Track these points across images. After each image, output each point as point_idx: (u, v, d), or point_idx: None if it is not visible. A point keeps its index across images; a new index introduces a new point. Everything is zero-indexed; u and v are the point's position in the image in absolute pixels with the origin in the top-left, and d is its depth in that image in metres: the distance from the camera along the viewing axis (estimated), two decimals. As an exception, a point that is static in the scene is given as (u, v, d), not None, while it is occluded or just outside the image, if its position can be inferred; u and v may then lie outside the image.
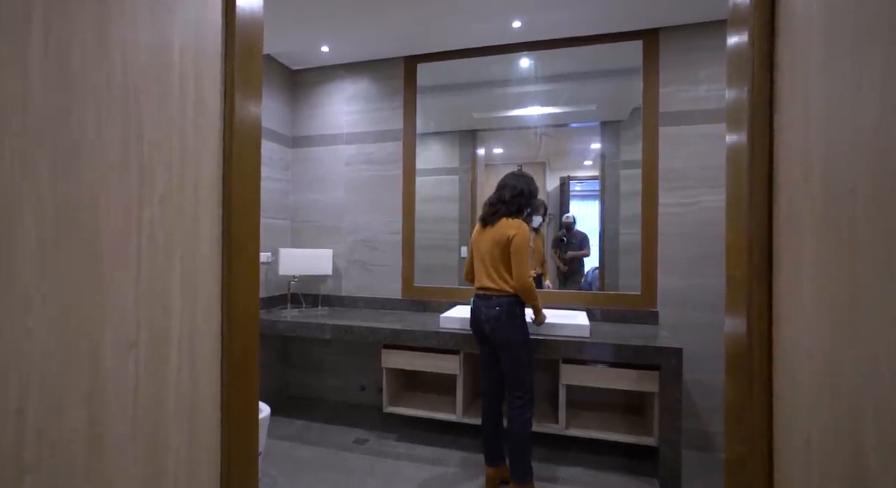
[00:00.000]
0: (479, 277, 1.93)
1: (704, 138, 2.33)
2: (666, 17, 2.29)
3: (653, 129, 2.40)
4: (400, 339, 2.22)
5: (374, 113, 2.83)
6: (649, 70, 2.40)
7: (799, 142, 0.69)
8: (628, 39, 2.43)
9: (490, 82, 2.71)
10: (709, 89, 2.32)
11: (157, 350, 0.68)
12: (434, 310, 2.69)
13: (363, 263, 2.85)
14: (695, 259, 2.34)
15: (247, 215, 0.97)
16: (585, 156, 2.66)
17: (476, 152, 2.79)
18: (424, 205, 2.76)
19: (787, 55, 0.73)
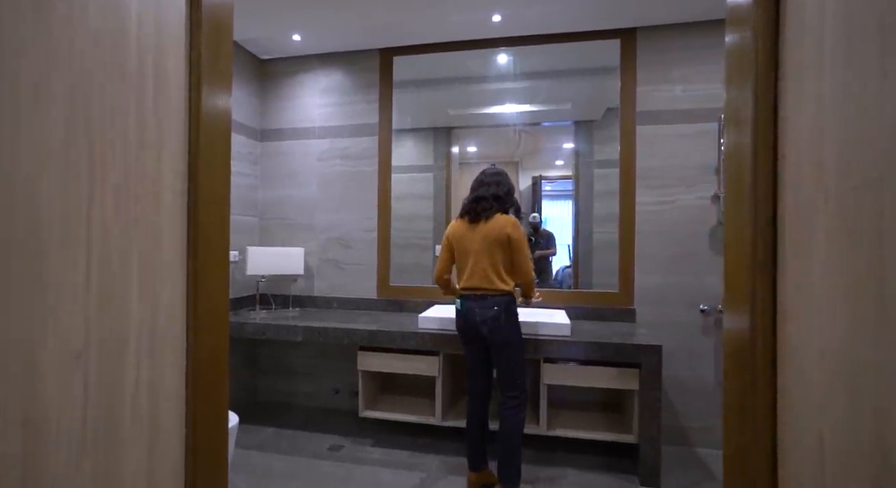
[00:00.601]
0: (468, 276, 1.83)
1: (680, 138, 2.36)
2: (643, 17, 2.30)
3: (630, 128, 2.41)
4: (377, 341, 2.14)
5: (349, 106, 2.73)
6: (627, 69, 2.41)
7: (808, 136, 0.67)
8: (606, 38, 2.43)
9: (467, 78, 2.66)
10: (684, 90, 2.36)
11: (110, 361, 0.59)
12: (410, 310, 2.62)
13: (337, 262, 2.74)
14: (671, 257, 2.37)
15: (215, 211, 0.88)
16: (557, 155, 2.65)
17: (451, 150, 2.74)
18: (398, 203, 2.69)
19: (794, 49, 0.70)
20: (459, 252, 1.88)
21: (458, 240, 1.88)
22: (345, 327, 2.19)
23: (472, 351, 1.87)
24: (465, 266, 1.85)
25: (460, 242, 1.87)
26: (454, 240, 1.90)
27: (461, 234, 1.87)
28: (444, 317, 2.17)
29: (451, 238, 1.91)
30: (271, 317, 2.42)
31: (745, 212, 0.81)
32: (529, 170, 2.67)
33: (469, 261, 1.83)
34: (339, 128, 2.74)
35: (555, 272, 2.62)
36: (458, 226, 1.90)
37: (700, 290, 2.34)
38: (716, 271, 2.32)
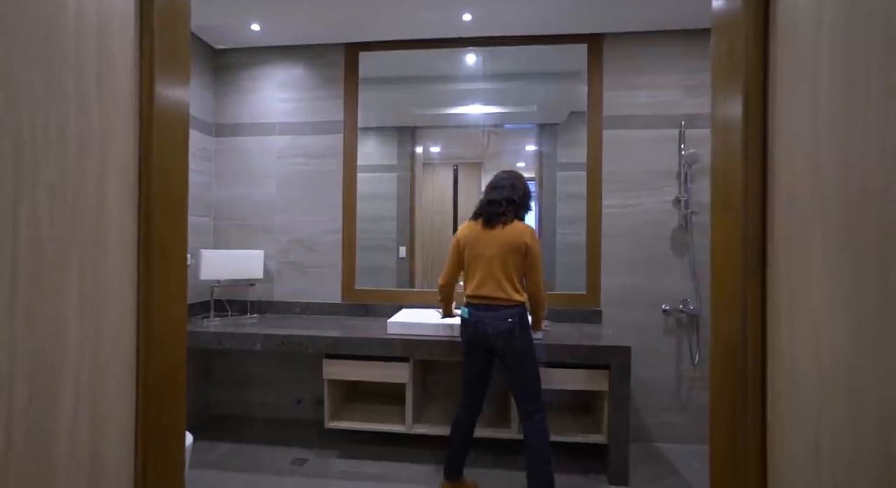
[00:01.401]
0: (478, 284, 1.72)
1: (643, 143, 2.42)
2: (609, 24, 2.34)
3: (597, 132, 2.45)
4: (344, 348, 2.05)
5: (312, 102, 2.61)
6: (594, 73, 2.45)
7: (802, 143, 0.67)
8: (574, 42, 2.46)
9: (434, 77, 2.61)
10: (647, 96, 2.42)
11: (41, 394, 0.50)
12: (377, 314, 2.54)
13: (299, 265, 2.61)
14: (635, 259, 2.43)
15: (172, 215, 0.79)
16: (519, 157, 2.64)
17: (415, 150, 2.68)
18: (361, 203, 2.61)
19: (786, 57, 0.70)
20: (471, 257, 1.75)
21: (471, 245, 1.76)
22: (309, 334, 2.08)
23: (475, 362, 1.76)
24: (475, 272, 1.74)
25: (473, 247, 1.75)
26: (466, 244, 1.77)
27: (474, 238, 1.75)
28: (413, 321, 2.11)
29: (463, 241, 1.78)
30: (227, 325, 2.26)
31: (734, 218, 0.81)
32: (491, 171, 2.63)
33: (481, 268, 1.72)
34: (301, 124, 2.61)
35: None
36: (472, 228, 1.78)
37: (662, 291, 2.41)
38: (676, 272, 2.40)
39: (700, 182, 2.39)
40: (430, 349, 2.01)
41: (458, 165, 2.67)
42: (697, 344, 2.37)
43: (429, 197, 2.65)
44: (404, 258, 2.64)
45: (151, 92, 0.72)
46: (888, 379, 0.49)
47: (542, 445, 1.67)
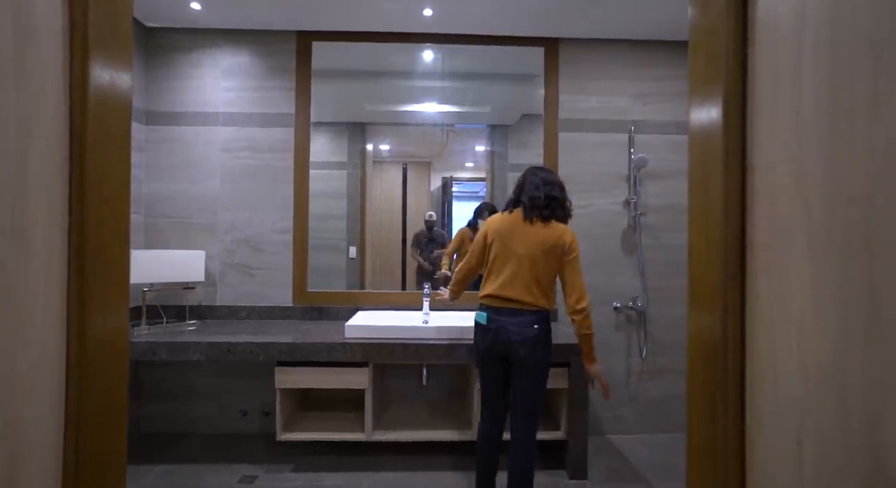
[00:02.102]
0: (504, 283, 1.55)
1: (596, 146, 2.50)
2: (566, 30, 2.40)
3: (553, 134, 2.50)
4: (299, 354, 1.92)
5: (260, 93, 2.44)
6: (550, 77, 2.49)
7: (784, 150, 0.68)
8: (532, 45, 2.49)
9: (389, 73, 2.54)
10: (599, 101, 2.50)
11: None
12: (332, 317, 2.42)
13: (245, 267, 2.43)
14: (589, 259, 2.49)
15: (110, 214, 0.68)
16: (468, 157, 2.64)
17: (366, 147, 2.60)
18: (310, 201, 2.48)
19: (767, 64, 0.72)
20: (500, 252, 1.58)
21: (502, 238, 1.58)
22: (259, 341, 1.93)
23: (495, 371, 1.61)
24: (501, 269, 1.57)
25: (505, 241, 1.57)
26: (496, 237, 1.59)
27: (507, 231, 1.58)
28: (372, 324, 2.03)
29: (493, 233, 1.61)
30: (162, 333, 2.05)
31: (712, 222, 0.83)
32: (440, 171, 2.62)
33: (510, 266, 1.55)
34: (249, 115, 2.43)
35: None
36: (505, 221, 1.60)
37: (613, 289, 2.50)
38: (626, 271, 2.50)
39: (647, 185, 2.51)
40: (391, 352, 1.94)
41: (408, 164, 2.62)
42: (645, 339, 2.48)
43: (377, 196, 2.58)
44: (354, 258, 2.54)
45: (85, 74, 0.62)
46: (875, 379, 0.51)
47: (530, 466, 1.58)
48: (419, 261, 2.57)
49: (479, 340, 1.63)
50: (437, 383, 2.43)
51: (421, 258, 2.57)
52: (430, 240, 2.59)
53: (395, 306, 2.44)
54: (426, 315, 2.24)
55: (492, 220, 1.66)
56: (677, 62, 2.52)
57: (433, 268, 2.56)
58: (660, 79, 2.51)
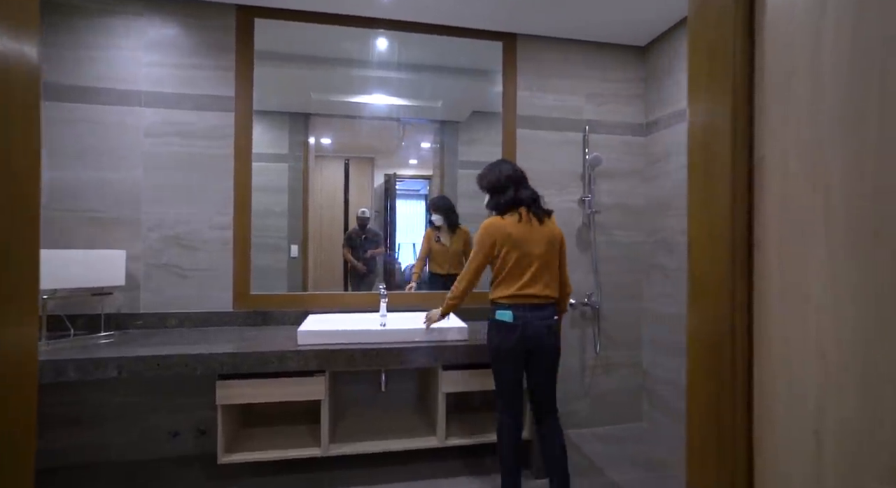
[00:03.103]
0: (527, 282, 1.63)
1: (552, 144, 2.53)
2: (524, 25, 2.39)
3: (511, 131, 2.48)
4: (245, 365, 1.71)
5: (193, 71, 2.16)
6: (509, 72, 2.47)
7: (799, 139, 0.67)
8: (490, 39, 2.45)
9: (338, 60, 2.37)
10: (556, 99, 2.53)
11: None
12: (278, 322, 2.21)
13: (177, 268, 2.14)
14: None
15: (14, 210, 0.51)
16: (413, 154, 2.54)
17: (308, 139, 2.42)
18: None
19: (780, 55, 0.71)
20: (518, 255, 1.63)
21: (517, 242, 1.63)
22: (196, 352, 1.69)
23: (516, 367, 1.66)
24: (523, 271, 1.64)
25: (520, 244, 1.63)
26: (507, 242, 1.63)
27: (521, 235, 1.64)
28: (326, 329, 1.86)
29: (505, 240, 1.64)
30: (70, 348, 1.73)
31: (717, 217, 0.81)
32: (383, 167, 2.51)
33: (533, 266, 1.64)
34: (179, 97, 2.14)
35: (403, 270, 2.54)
36: (514, 225, 1.65)
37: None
38: (581, 268, 2.55)
39: (601, 183, 2.58)
40: (350, 358, 1.79)
41: (351, 159, 2.47)
42: (598, 334, 2.55)
43: (319, 192, 2.40)
44: (296, 257, 2.35)
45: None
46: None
47: (565, 454, 1.72)
48: (352, 261, 2.41)
49: (503, 338, 1.64)
50: (396, 388, 2.31)
51: (353, 258, 2.41)
52: (366, 239, 2.44)
53: (347, 309, 2.29)
54: (383, 317, 2.12)
55: (499, 225, 1.66)
56: (630, 66, 2.61)
57: (367, 269, 2.43)
58: (613, 81, 2.59)
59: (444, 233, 2.48)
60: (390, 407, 2.27)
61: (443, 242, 2.49)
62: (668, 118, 2.42)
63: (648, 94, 2.59)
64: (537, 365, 1.67)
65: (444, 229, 2.47)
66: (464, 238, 2.47)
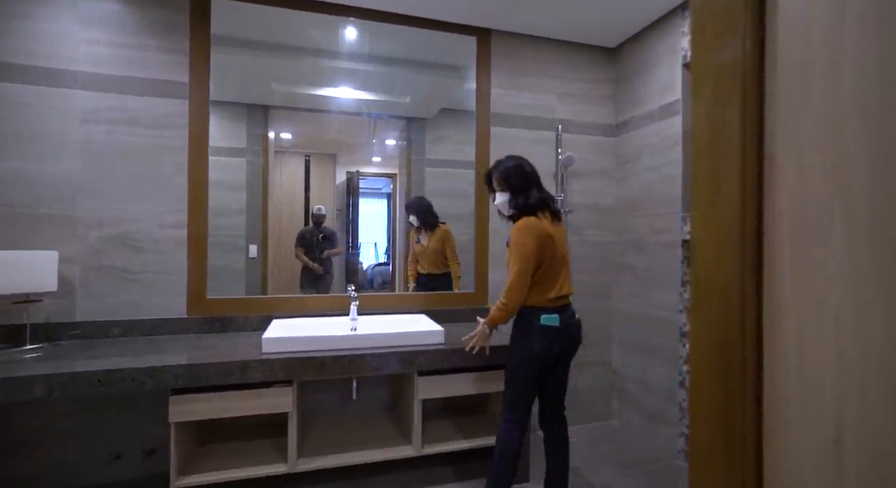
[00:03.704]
0: (562, 284, 1.62)
1: (525, 142, 2.50)
2: (499, 20, 2.34)
3: (485, 128, 2.43)
4: (202, 377, 1.55)
5: (141, 53, 1.95)
6: (483, 69, 2.43)
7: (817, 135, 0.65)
8: (464, 33, 2.39)
9: (303, 49, 2.23)
10: (529, 98, 2.51)
11: None
12: (239, 328, 2.04)
13: (122, 271, 1.92)
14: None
15: None
16: (377, 151, 2.43)
17: (268, 133, 2.27)
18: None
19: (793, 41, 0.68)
20: (553, 256, 1.59)
21: (550, 244, 1.58)
22: (146, 365, 1.52)
23: (541, 374, 1.64)
24: (558, 273, 1.62)
25: (552, 246, 1.59)
26: (549, 242, 1.58)
27: (551, 237, 1.59)
28: (294, 335, 1.74)
29: (547, 239, 1.57)
30: (-7, 364, 1.51)
31: (725, 216, 0.78)
32: (345, 164, 2.39)
33: (564, 268, 1.64)
34: (124, 80, 1.93)
35: (366, 270, 2.45)
36: (542, 224, 1.59)
37: (542, 286, 2.53)
38: (554, 268, 2.55)
39: (574, 183, 2.58)
40: (320, 366, 1.68)
41: (311, 156, 2.33)
42: (571, 333, 2.56)
43: (278, 189, 2.26)
44: (255, 258, 2.19)
45: None
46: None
47: (568, 454, 1.75)
48: (306, 261, 2.26)
49: (549, 344, 1.59)
50: (369, 395, 2.20)
51: (308, 258, 2.27)
52: (324, 238, 2.31)
53: (314, 312, 2.15)
54: (354, 321, 2.01)
55: (537, 226, 1.57)
56: (601, 67, 2.64)
57: (324, 271, 2.30)
58: (585, 81, 2.60)
59: (423, 232, 2.41)
60: (362, 415, 2.16)
61: (422, 242, 2.41)
62: (638, 120, 2.46)
63: (619, 95, 2.63)
64: (563, 366, 1.68)
65: (422, 229, 2.41)
66: (441, 236, 2.41)
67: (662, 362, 2.27)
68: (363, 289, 2.36)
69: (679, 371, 2.17)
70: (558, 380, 1.70)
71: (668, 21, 2.24)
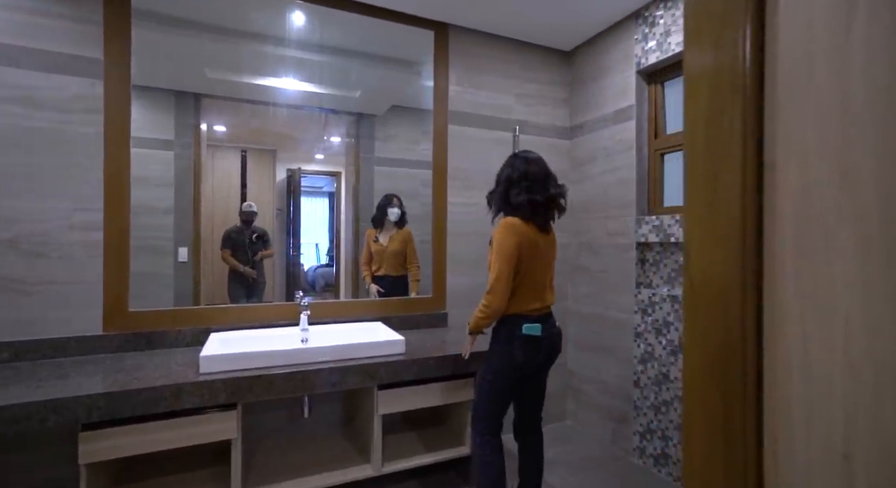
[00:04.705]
0: (541, 292, 1.55)
1: (482, 142, 2.45)
2: (457, 14, 2.26)
3: (443, 126, 2.35)
4: (124, 407, 1.32)
5: (39, 19, 1.63)
6: (440, 65, 2.33)
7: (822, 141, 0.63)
8: (421, 26, 2.29)
9: (243, 33, 2.02)
10: (488, 97, 2.45)
11: None
12: (169, 345, 1.79)
13: (14, 283, 1.60)
14: (477, 258, 2.43)
15: None
16: (321, 147, 2.25)
17: (200, 125, 2.03)
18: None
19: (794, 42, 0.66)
20: (534, 262, 1.51)
21: (531, 247, 1.50)
22: (47, 397, 1.25)
23: (518, 384, 1.60)
24: (541, 279, 1.55)
25: (534, 249, 1.50)
26: (531, 248, 1.50)
27: (533, 240, 1.51)
28: (238, 351, 1.53)
29: (530, 244, 1.50)
30: None
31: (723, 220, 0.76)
32: (286, 161, 2.21)
33: (544, 274, 1.56)
34: (16, 50, 1.60)
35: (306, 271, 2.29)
36: (526, 228, 1.50)
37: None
38: (512, 270, 2.52)
39: (530, 185, 2.57)
40: (269, 385, 1.49)
41: (248, 151, 2.12)
42: (529, 336, 2.54)
43: (210, 186, 2.03)
44: (186, 262, 1.95)
45: None
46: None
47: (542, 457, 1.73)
48: (236, 265, 2.03)
49: (531, 354, 1.53)
50: (322, 411, 2.03)
51: (236, 261, 2.03)
52: (259, 238, 2.08)
53: (259, 323, 1.94)
54: (305, 331, 1.84)
55: (518, 227, 1.50)
56: (557, 69, 2.64)
57: (257, 275, 2.08)
58: (541, 82, 2.60)
59: (382, 232, 2.27)
60: (316, 434, 1.98)
61: (381, 242, 2.28)
62: (593, 123, 2.49)
63: (573, 98, 2.66)
64: (542, 374, 1.65)
65: (388, 228, 2.28)
66: (404, 237, 2.30)
67: (617, 362, 2.31)
68: (305, 292, 2.17)
69: (634, 370, 2.22)
70: (536, 388, 1.66)
71: (622, 27, 2.28)
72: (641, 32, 2.17)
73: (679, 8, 1.97)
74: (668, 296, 2.03)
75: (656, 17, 2.08)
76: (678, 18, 1.96)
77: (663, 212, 2.11)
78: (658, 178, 2.18)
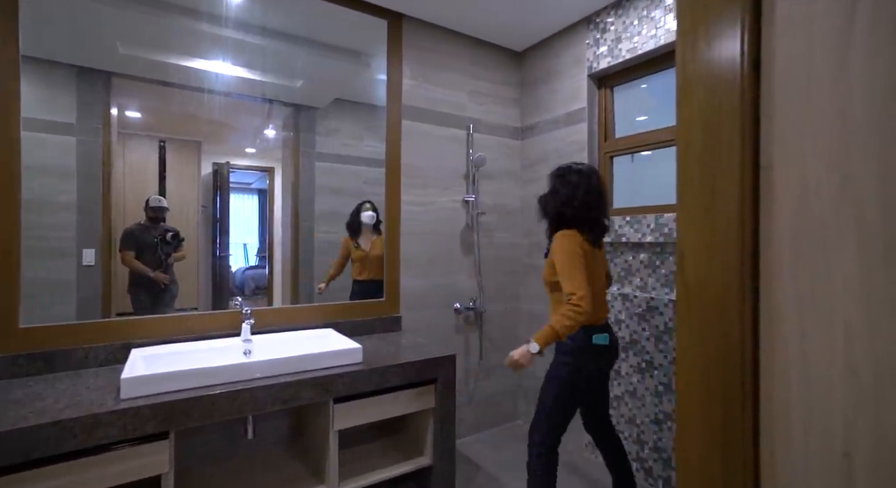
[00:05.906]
0: (601, 303, 1.60)
1: (437, 139, 2.38)
2: (411, 5, 2.17)
3: (396, 120, 2.24)
4: (17, 451, 1.06)
5: None
6: (394, 56, 2.22)
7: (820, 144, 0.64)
8: (374, 13, 2.16)
9: (167, 5, 1.77)
10: (443, 93, 2.39)
11: None
12: (76, 365, 1.51)
13: None
14: (431, 259, 2.36)
15: None
16: (251, 140, 2.04)
17: (109, 107, 1.76)
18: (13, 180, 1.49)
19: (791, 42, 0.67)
20: (593, 272, 1.55)
21: (591, 259, 1.55)
22: None
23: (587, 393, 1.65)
24: (600, 290, 1.59)
25: (591, 261, 1.55)
26: (589, 258, 1.55)
27: (591, 252, 1.56)
28: (168, 370, 1.31)
29: (588, 254, 1.54)
30: None
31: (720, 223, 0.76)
32: (213, 154, 1.98)
33: (603, 289, 1.63)
34: None
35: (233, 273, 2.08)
36: (583, 239, 1.55)
37: (453, 290, 2.43)
38: (465, 271, 2.48)
39: (485, 184, 2.54)
40: (208, 408, 1.30)
41: (168, 141, 1.87)
42: (483, 339, 2.52)
43: (121, 179, 1.75)
44: (93, 265, 1.67)
45: None
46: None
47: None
48: (143, 269, 1.73)
49: (602, 364, 1.61)
50: (266, 428, 1.83)
51: (143, 264, 1.74)
52: (173, 237, 1.81)
53: (184, 336, 1.70)
54: (247, 342, 1.65)
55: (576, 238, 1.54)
56: (508, 69, 2.64)
57: (169, 280, 1.81)
58: (494, 82, 2.58)
59: (365, 237, 2.18)
60: (260, 456, 1.77)
61: (363, 248, 2.17)
62: (544, 124, 2.52)
63: (524, 98, 2.67)
64: (606, 383, 1.72)
65: (366, 233, 2.19)
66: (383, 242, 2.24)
67: (569, 360, 2.36)
68: (233, 295, 1.94)
69: (585, 367, 2.27)
70: (605, 392, 1.74)
71: (574, 31, 2.33)
72: (593, 37, 2.22)
73: (630, 16, 2.04)
74: (618, 295, 2.09)
75: (607, 24, 2.14)
76: (629, 26, 2.03)
77: (613, 213, 2.18)
78: (607, 181, 2.26)
